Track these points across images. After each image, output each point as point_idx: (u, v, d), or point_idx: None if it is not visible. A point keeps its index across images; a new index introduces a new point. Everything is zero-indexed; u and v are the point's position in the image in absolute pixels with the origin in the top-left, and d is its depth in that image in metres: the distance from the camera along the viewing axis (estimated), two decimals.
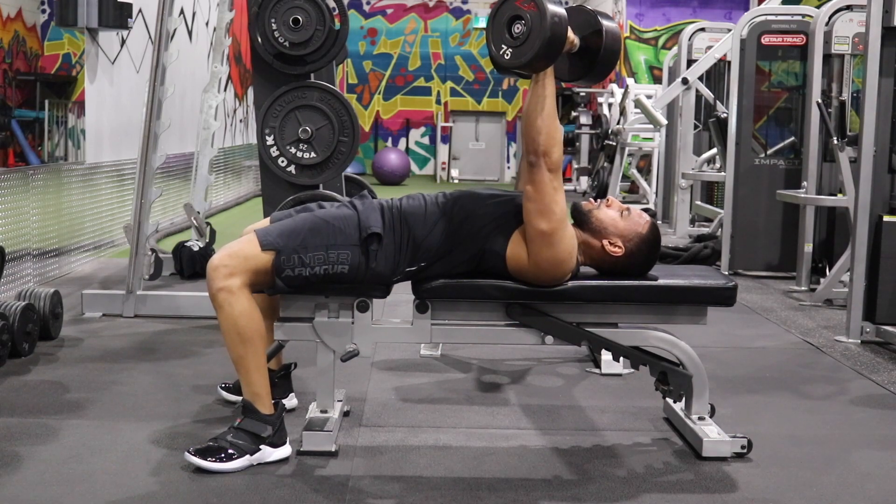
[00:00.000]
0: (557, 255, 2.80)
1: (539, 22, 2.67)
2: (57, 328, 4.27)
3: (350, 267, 2.82)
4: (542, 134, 2.74)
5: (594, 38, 2.88)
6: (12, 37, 6.45)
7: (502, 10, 2.75)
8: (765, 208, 6.43)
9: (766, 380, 3.94)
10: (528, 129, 2.78)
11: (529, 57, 2.70)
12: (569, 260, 2.83)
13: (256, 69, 4.22)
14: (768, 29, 6.51)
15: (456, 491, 2.67)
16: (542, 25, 2.67)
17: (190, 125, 7.79)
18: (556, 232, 2.77)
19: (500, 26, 2.75)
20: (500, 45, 2.75)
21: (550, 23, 2.66)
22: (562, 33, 2.71)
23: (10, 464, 2.78)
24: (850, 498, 2.72)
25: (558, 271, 2.83)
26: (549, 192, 2.76)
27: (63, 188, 5.84)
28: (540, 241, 2.79)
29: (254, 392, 2.83)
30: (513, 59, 2.74)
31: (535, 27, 2.68)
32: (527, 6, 2.70)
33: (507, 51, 2.74)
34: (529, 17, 2.69)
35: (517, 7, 2.72)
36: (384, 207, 2.91)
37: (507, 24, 2.74)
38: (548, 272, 2.83)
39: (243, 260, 2.79)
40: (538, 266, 2.81)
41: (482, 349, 4.17)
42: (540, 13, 2.67)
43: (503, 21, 2.75)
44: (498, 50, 2.76)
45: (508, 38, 2.74)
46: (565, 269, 2.84)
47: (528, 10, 2.69)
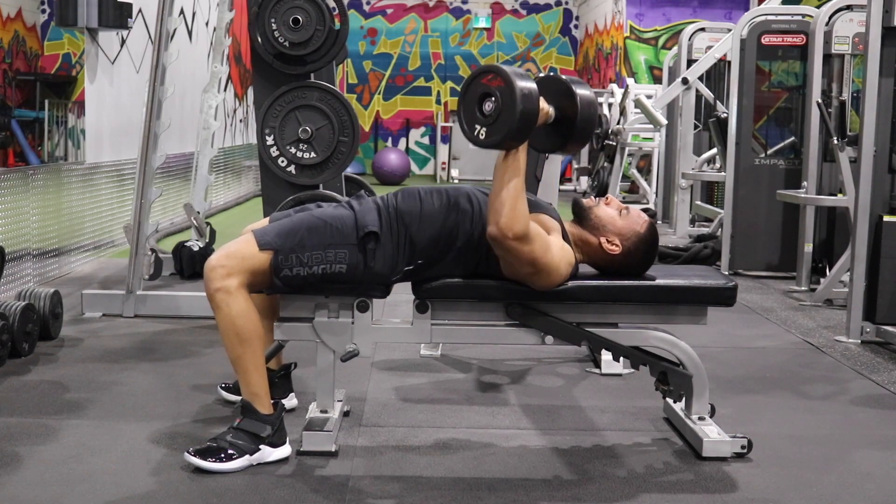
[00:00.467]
0: (553, 281, 2.85)
1: (509, 98, 2.61)
2: (57, 328, 4.27)
3: (348, 266, 2.82)
4: (506, 208, 2.69)
5: (569, 107, 2.80)
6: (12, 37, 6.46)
7: (471, 88, 2.70)
8: (765, 208, 6.43)
9: (766, 380, 3.94)
10: (492, 200, 2.73)
11: (503, 135, 2.65)
12: (564, 275, 2.86)
13: (256, 69, 4.22)
14: (768, 29, 6.51)
15: (456, 491, 2.67)
16: (512, 102, 2.61)
17: (190, 125, 7.78)
18: (544, 268, 2.80)
19: (471, 105, 2.70)
20: (473, 124, 2.70)
21: (520, 98, 2.60)
22: (533, 108, 2.65)
23: (10, 464, 2.78)
24: (850, 498, 2.72)
25: (555, 282, 2.87)
26: (524, 255, 2.75)
27: (63, 188, 5.84)
28: (532, 279, 2.83)
29: (252, 392, 2.83)
30: (486, 138, 2.68)
31: (505, 104, 2.62)
32: (494, 83, 2.64)
33: (480, 130, 2.68)
34: (499, 94, 2.63)
35: (485, 84, 2.66)
36: (380, 207, 2.91)
37: (478, 101, 2.68)
38: (545, 285, 2.86)
39: (241, 260, 2.79)
40: (534, 283, 2.86)
41: (482, 349, 4.17)
42: (508, 89, 2.61)
43: (473, 98, 2.69)
44: (471, 130, 2.70)
45: (480, 116, 2.68)
46: (561, 280, 2.87)
47: (496, 87, 2.63)
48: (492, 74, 2.68)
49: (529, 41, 15.56)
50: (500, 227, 2.69)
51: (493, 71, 2.68)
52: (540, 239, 2.77)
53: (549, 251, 2.79)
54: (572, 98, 2.79)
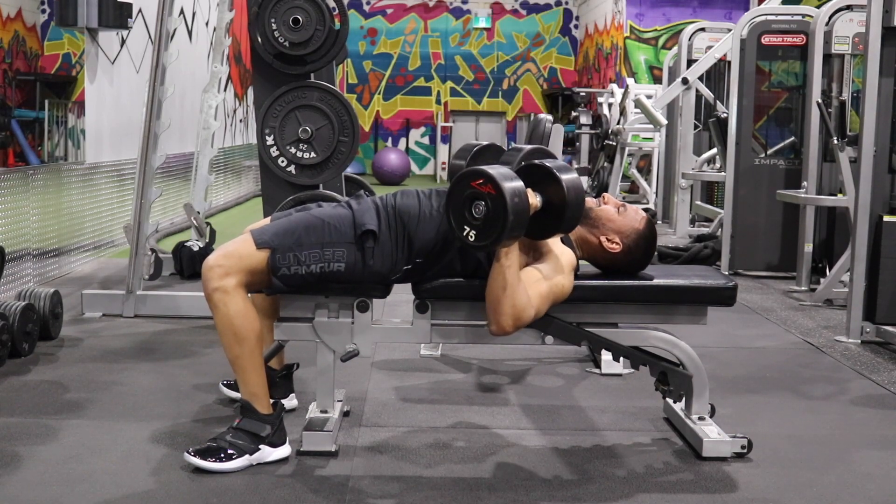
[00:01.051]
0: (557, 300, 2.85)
1: (500, 205, 2.58)
2: (57, 328, 4.27)
3: (346, 265, 2.82)
4: (505, 305, 2.70)
5: (556, 194, 2.73)
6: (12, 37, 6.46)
7: (458, 188, 2.67)
8: (765, 208, 6.43)
9: (766, 380, 3.94)
10: (491, 302, 2.73)
11: (494, 239, 2.62)
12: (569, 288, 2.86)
13: (256, 69, 4.22)
14: (768, 29, 6.51)
15: (456, 491, 2.67)
16: (503, 209, 2.57)
17: (190, 125, 7.78)
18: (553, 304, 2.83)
19: (459, 206, 2.66)
20: (462, 226, 2.66)
21: (511, 204, 2.57)
22: (524, 212, 2.62)
23: (10, 464, 2.78)
24: (850, 498, 2.72)
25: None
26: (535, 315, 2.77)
27: (63, 188, 5.84)
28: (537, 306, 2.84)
29: (251, 392, 2.83)
30: (477, 241, 2.65)
31: (495, 210, 2.59)
32: (484, 188, 2.60)
33: (470, 232, 2.65)
34: (488, 199, 2.60)
35: (473, 187, 2.63)
36: (379, 206, 2.91)
37: (467, 203, 2.64)
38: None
39: (238, 259, 2.78)
40: None
41: (482, 349, 4.17)
42: (499, 196, 2.58)
43: (460, 200, 2.66)
44: (461, 231, 2.67)
45: (469, 218, 2.64)
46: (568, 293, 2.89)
47: (486, 193, 2.60)
48: (481, 179, 2.63)
49: (529, 41, 15.56)
50: (502, 326, 2.74)
51: (482, 176, 2.63)
52: (542, 300, 2.77)
53: (550, 296, 2.80)
54: (558, 185, 2.73)
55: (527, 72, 15.60)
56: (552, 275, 2.81)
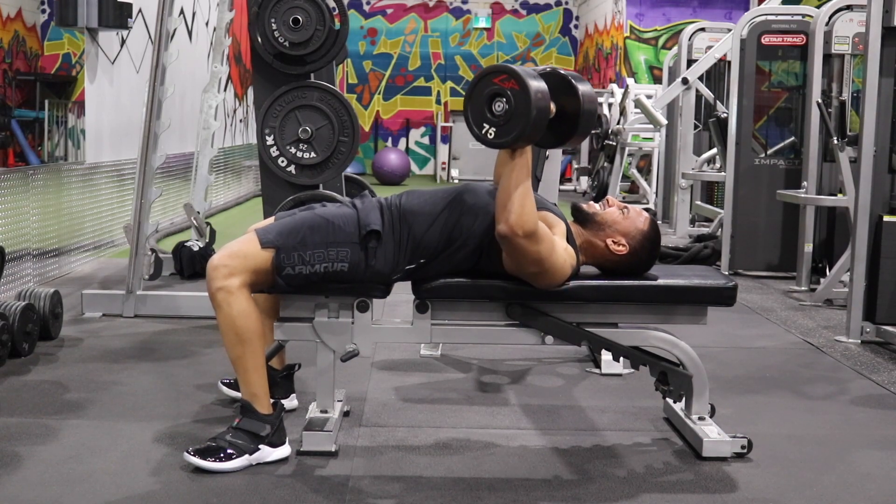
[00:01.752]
0: (556, 281, 2.84)
1: (523, 101, 2.56)
2: (57, 328, 4.27)
3: (350, 265, 2.82)
4: (514, 205, 2.68)
5: (571, 103, 2.76)
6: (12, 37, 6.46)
7: (480, 85, 2.65)
8: (765, 208, 6.43)
9: (766, 380, 3.94)
10: (499, 198, 2.72)
11: (514, 137, 2.61)
12: (567, 274, 2.85)
13: (256, 69, 4.22)
14: (768, 29, 6.51)
15: (456, 491, 2.67)
16: (526, 105, 2.56)
17: (190, 125, 7.78)
18: (549, 269, 2.79)
19: (480, 103, 2.64)
20: (482, 123, 2.64)
21: (534, 100, 2.56)
22: (546, 110, 2.61)
23: (10, 464, 2.78)
24: (850, 498, 2.72)
25: (557, 281, 2.86)
26: (531, 254, 2.74)
27: (63, 188, 5.84)
28: (536, 279, 2.83)
29: (252, 392, 2.83)
30: (496, 138, 2.64)
31: (518, 106, 2.57)
32: (507, 84, 2.59)
33: (489, 130, 2.64)
34: (511, 96, 2.58)
35: (496, 84, 2.61)
36: (383, 206, 2.91)
37: (487, 101, 2.63)
38: (547, 284, 2.85)
39: (243, 259, 2.79)
40: (536, 282, 2.84)
41: (482, 349, 4.17)
42: (522, 91, 2.57)
43: (482, 98, 2.64)
44: (479, 129, 2.65)
45: (489, 116, 2.63)
46: (563, 278, 2.86)
47: (508, 88, 2.58)
48: (504, 75, 2.62)
49: (529, 41, 15.56)
50: (511, 224, 2.69)
51: (505, 72, 2.63)
52: (548, 239, 2.76)
53: (554, 252, 2.79)
54: (574, 94, 2.76)
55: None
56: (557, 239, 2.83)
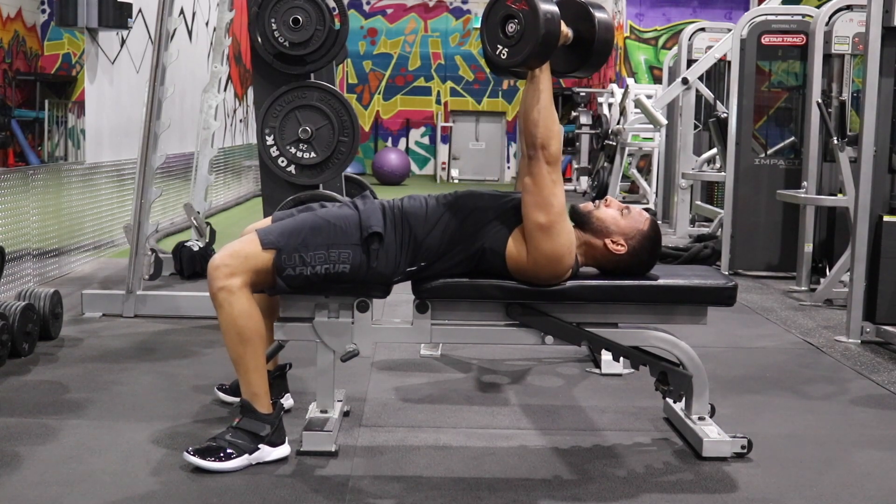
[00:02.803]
0: (556, 248, 2.79)
1: (532, 20, 2.67)
2: (57, 328, 4.27)
3: (351, 266, 2.82)
4: (540, 127, 2.75)
5: (587, 29, 2.86)
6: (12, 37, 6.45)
7: (495, 9, 2.75)
8: (765, 208, 6.43)
9: (766, 380, 3.94)
10: (525, 122, 2.78)
11: (525, 55, 2.71)
12: (568, 255, 2.83)
13: (256, 69, 4.22)
14: (768, 29, 6.51)
15: (456, 491, 2.67)
16: (535, 24, 2.67)
17: (190, 125, 7.79)
18: (555, 225, 2.77)
19: (494, 25, 2.75)
20: (496, 44, 2.75)
21: (543, 20, 2.66)
22: (555, 30, 2.71)
23: (10, 464, 2.78)
24: (850, 498, 2.72)
25: (558, 267, 2.83)
26: (548, 185, 2.76)
27: (63, 188, 5.84)
28: (539, 235, 2.78)
29: (252, 392, 2.83)
30: (508, 58, 2.74)
31: (528, 26, 2.68)
32: (518, 5, 2.70)
33: (502, 50, 2.74)
34: (522, 16, 2.69)
35: (509, 6, 2.72)
36: (385, 207, 2.91)
37: (501, 23, 2.74)
38: (546, 268, 2.82)
39: (244, 259, 2.79)
40: (537, 262, 2.81)
41: (482, 349, 4.17)
42: (532, 12, 2.67)
43: (496, 20, 2.75)
44: (493, 49, 2.76)
45: (503, 37, 2.74)
46: (564, 265, 2.84)
47: (520, 9, 2.69)
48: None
49: None
50: (536, 145, 2.75)
51: None
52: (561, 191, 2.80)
53: (564, 215, 2.81)
54: (590, 21, 2.84)
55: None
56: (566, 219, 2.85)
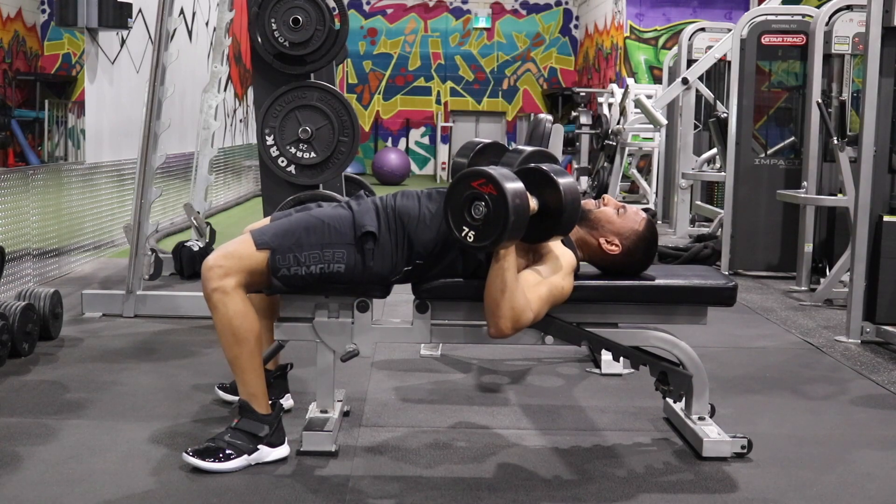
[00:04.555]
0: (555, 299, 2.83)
1: (501, 205, 2.58)
2: (57, 328, 4.27)
3: (346, 266, 2.82)
4: (504, 316, 2.71)
5: (552, 197, 2.74)
6: (12, 37, 6.46)
7: (457, 190, 2.66)
8: (765, 208, 6.43)
9: (766, 380, 3.94)
10: (489, 305, 2.72)
11: (493, 239, 2.62)
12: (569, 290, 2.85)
13: (256, 69, 4.22)
14: (768, 29, 6.51)
15: (456, 491, 2.67)
16: (504, 209, 2.57)
17: (190, 125, 7.79)
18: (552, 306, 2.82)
19: (458, 206, 2.66)
20: (461, 227, 2.66)
21: (512, 206, 2.57)
22: (524, 213, 2.62)
23: (10, 464, 2.78)
24: (850, 498, 2.72)
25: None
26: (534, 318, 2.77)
27: (63, 188, 5.84)
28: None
29: (250, 392, 2.83)
30: (476, 241, 2.65)
31: (496, 211, 2.59)
32: (485, 188, 2.60)
33: (468, 233, 2.65)
34: (489, 200, 2.59)
35: (474, 188, 2.62)
36: (378, 207, 2.91)
37: (467, 204, 2.64)
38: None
39: (238, 260, 2.78)
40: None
41: (482, 349, 4.17)
42: (500, 196, 2.58)
43: (460, 201, 2.66)
44: (459, 232, 2.67)
45: (468, 219, 2.64)
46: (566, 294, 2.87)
47: (486, 193, 2.60)
48: (482, 179, 2.63)
49: (529, 41, 15.57)
50: (500, 329, 2.73)
51: (483, 176, 2.63)
52: (541, 303, 2.76)
53: (550, 298, 2.79)
54: (555, 189, 2.73)
55: (527, 72, 15.60)
56: (551, 276, 2.80)
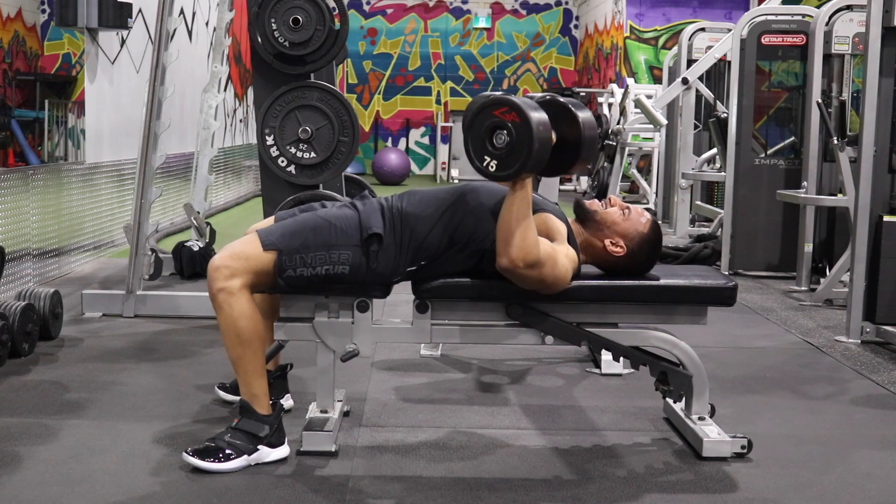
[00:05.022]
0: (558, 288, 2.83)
1: (525, 133, 2.55)
2: (57, 328, 4.27)
3: (351, 267, 2.82)
4: (517, 238, 2.68)
5: (571, 131, 2.74)
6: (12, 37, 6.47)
7: (479, 118, 2.63)
8: (765, 208, 6.43)
9: (766, 380, 3.94)
10: (502, 232, 2.71)
11: (517, 169, 2.60)
12: (569, 278, 2.84)
13: (256, 69, 4.23)
14: (768, 29, 6.51)
15: (456, 491, 2.67)
16: (528, 138, 2.55)
17: (190, 125, 7.78)
18: (552, 285, 2.79)
19: (480, 136, 2.63)
20: (483, 156, 2.63)
21: (537, 133, 2.54)
22: (548, 141, 2.60)
23: (10, 464, 2.78)
24: (850, 498, 2.72)
25: (561, 287, 2.85)
26: (534, 279, 2.75)
27: (63, 188, 5.84)
28: (540, 288, 2.81)
29: (252, 393, 2.83)
30: (498, 171, 2.63)
31: (520, 139, 2.56)
32: (508, 116, 2.57)
33: (490, 162, 2.62)
34: (512, 128, 2.57)
35: (496, 116, 2.60)
36: (384, 207, 2.91)
37: (488, 133, 2.61)
38: (551, 288, 2.84)
39: (245, 260, 2.78)
40: (543, 283, 2.82)
41: (482, 349, 4.17)
42: (524, 124, 2.55)
43: (482, 130, 2.63)
44: (480, 162, 2.64)
45: (490, 148, 2.61)
46: (567, 285, 2.86)
47: (509, 121, 2.57)
48: (505, 107, 2.60)
49: (529, 41, 15.56)
50: (512, 258, 2.69)
51: (506, 104, 2.61)
52: (550, 260, 2.75)
53: (557, 266, 2.77)
54: (574, 122, 2.74)
55: (527, 72, 15.60)
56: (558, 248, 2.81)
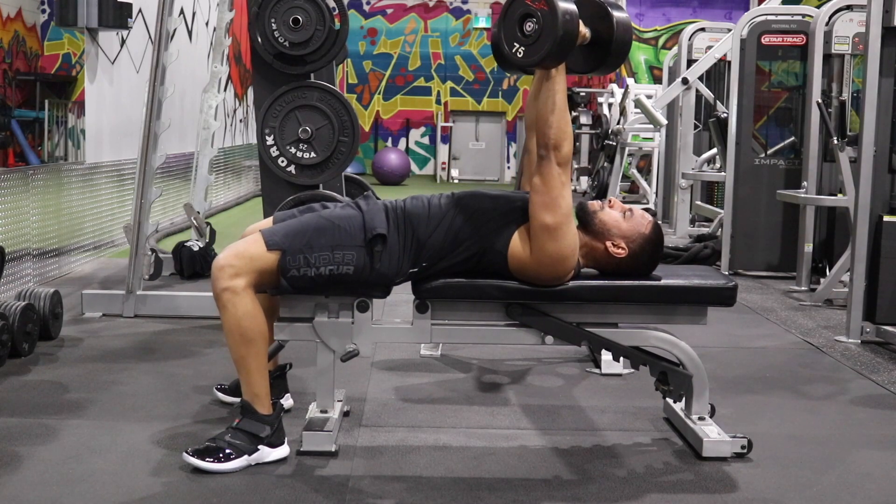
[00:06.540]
0: (561, 250, 2.80)
1: (551, 20, 2.65)
2: (57, 328, 4.27)
3: (355, 268, 2.82)
4: (553, 128, 2.75)
5: (605, 29, 2.84)
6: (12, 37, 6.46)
7: (513, 7, 2.73)
8: (765, 208, 6.43)
9: (766, 380, 3.94)
10: (539, 123, 2.79)
11: (542, 55, 2.69)
12: (571, 256, 2.83)
13: (256, 69, 4.23)
14: (768, 29, 6.51)
15: (456, 491, 2.67)
16: (553, 24, 2.65)
17: (190, 125, 7.78)
18: (561, 226, 2.78)
19: (512, 24, 2.73)
20: (513, 42, 2.73)
21: (562, 21, 2.64)
22: (573, 31, 2.69)
23: (10, 464, 2.78)
24: (850, 498, 2.72)
25: (560, 268, 2.83)
26: (557, 186, 2.76)
27: (63, 188, 5.84)
28: (544, 236, 2.78)
29: (253, 393, 2.83)
30: (525, 57, 2.72)
31: (546, 26, 2.66)
32: (537, 4, 2.68)
33: (519, 49, 2.72)
34: (541, 16, 2.67)
35: (528, 5, 2.70)
36: (388, 208, 2.91)
37: (519, 21, 2.72)
38: (549, 268, 2.82)
39: (249, 260, 2.78)
40: (540, 262, 2.81)
41: (482, 349, 4.17)
42: (551, 11, 2.65)
43: (514, 18, 2.73)
44: (510, 48, 2.74)
45: (520, 35, 2.72)
46: (567, 267, 2.84)
47: (538, 9, 2.67)
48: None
49: None
50: (549, 146, 2.75)
51: None
52: (570, 192, 2.81)
53: (570, 216, 2.81)
54: (609, 20, 2.82)
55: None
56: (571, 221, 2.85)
